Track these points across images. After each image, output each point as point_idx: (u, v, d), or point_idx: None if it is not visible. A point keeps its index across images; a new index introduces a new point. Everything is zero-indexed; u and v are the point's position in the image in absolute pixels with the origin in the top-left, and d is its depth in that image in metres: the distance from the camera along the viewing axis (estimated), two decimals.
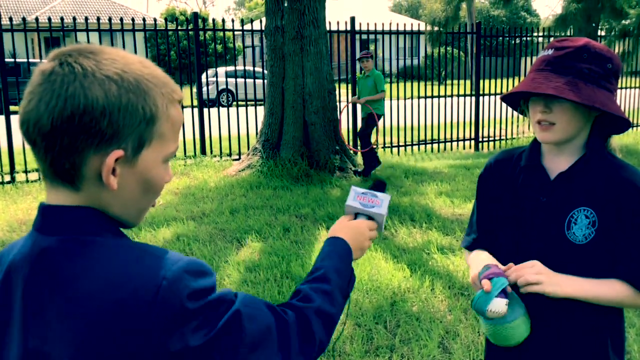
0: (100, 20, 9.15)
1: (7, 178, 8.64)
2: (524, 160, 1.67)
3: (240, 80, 17.89)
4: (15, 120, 9.77)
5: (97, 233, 0.92)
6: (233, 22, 10.08)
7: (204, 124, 10.18)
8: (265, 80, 9.36)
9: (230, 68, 17.35)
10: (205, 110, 10.28)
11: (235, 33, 10.81)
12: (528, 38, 12.58)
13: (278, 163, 8.62)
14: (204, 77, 11.96)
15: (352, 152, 9.23)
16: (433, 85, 13.43)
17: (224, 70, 16.65)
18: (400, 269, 4.78)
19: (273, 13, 8.65)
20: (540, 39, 13.07)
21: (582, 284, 1.51)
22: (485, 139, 11.99)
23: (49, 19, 8.91)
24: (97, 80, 0.87)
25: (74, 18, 9.12)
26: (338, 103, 9.30)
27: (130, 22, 9.71)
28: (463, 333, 3.69)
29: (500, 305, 1.47)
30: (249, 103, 11.68)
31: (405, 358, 3.44)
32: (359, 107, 9.63)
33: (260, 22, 11.35)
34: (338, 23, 10.72)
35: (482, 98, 11.81)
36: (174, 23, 10.18)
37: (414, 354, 3.45)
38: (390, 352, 3.50)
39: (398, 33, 10.92)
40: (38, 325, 0.88)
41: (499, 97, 1.69)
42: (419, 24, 13.21)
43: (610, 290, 1.51)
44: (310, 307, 1.09)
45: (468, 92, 13.68)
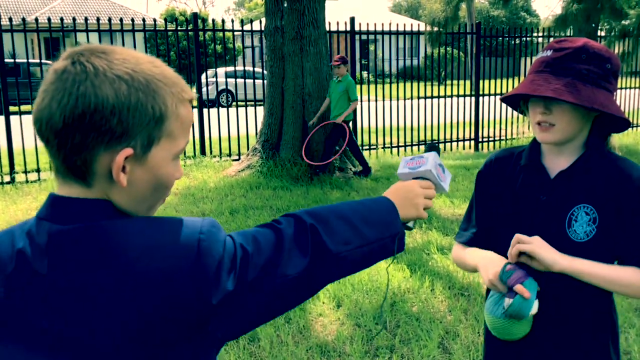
0: (100, 21, 9.15)
1: (6, 178, 8.64)
2: (524, 160, 1.67)
3: (240, 81, 17.90)
4: (15, 121, 9.79)
5: (114, 219, 0.94)
6: (233, 22, 10.08)
7: (204, 125, 10.18)
8: (265, 81, 9.37)
9: (230, 68, 17.35)
10: (205, 111, 10.28)
11: (235, 33, 10.81)
12: (528, 38, 12.58)
13: (278, 163, 8.62)
14: (204, 77, 11.95)
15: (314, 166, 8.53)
16: (433, 86, 13.43)
17: (224, 71, 16.65)
18: (400, 270, 4.78)
19: (273, 13, 8.65)
20: (540, 39, 13.07)
21: (592, 264, 1.51)
22: (485, 139, 11.99)
23: (49, 19, 8.92)
24: (107, 80, 0.89)
25: (74, 18, 9.12)
26: None
27: (130, 22, 9.71)
28: (463, 333, 3.69)
29: (536, 307, 1.51)
30: (249, 103, 11.67)
31: (405, 358, 3.44)
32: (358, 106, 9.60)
33: (260, 22, 11.35)
34: (338, 23, 10.72)
35: (481, 98, 11.81)
36: (174, 23, 10.17)
37: (414, 355, 3.45)
38: (390, 352, 3.50)
39: (398, 33, 10.92)
40: (65, 308, 0.90)
41: (499, 98, 1.69)
42: (419, 24, 13.20)
43: (626, 274, 1.51)
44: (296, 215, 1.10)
45: (468, 92, 13.67)
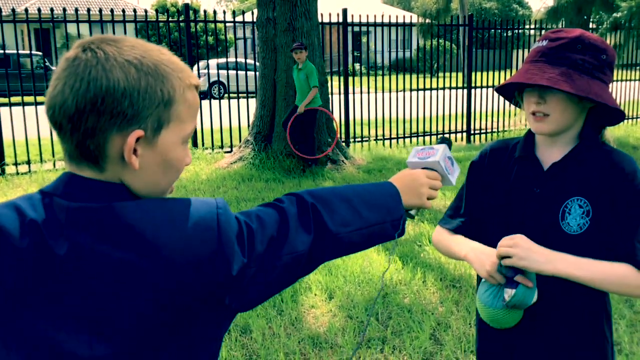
0: (91, 12, 9.08)
1: None
2: (518, 151, 1.67)
3: (232, 72, 17.82)
4: (5, 112, 9.73)
5: (130, 200, 0.97)
6: (225, 13, 10.03)
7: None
8: (257, 73, 9.34)
9: (222, 60, 17.27)
10: None
11: (227, 25, 10.75)
12: (520, 30, 12.59)
13: (270, 155, 8.60)
14: (195, 69, 11.93)
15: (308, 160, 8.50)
16: (425, 78, 13.43)
17: (215, 62, 16.56)
18: (392, 261, 4.79)
19: (265, 5, 8.61)
20: (532, 32, 13.08)
21: (578, 262, 1.48)
22: (477, 132, 12.02)
23: (39, 10, 8.83)
24: (118, 64, 0.93)
25: (64, 9, 9.05)
26: (330, 95, 9.28)
27: (121, 13, 9.65)
28: (454, 325, 3.71)
29: (537, 295, 1.53)
30: (241, 95, 11.64)
31: (397, 350, 3.45)
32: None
33: (252, 13, 11.29)
34: (330, 15, 10.68)
35: (474, 91, 11.82)
36: (165, 14, 10.11)
37: (406, 346, 3.46)
38: (382, 343, 3.51)
39: (390, 25, 10.90)
40: (86, 285, 0.92)
41: (494, 88, 1.69)
42: (411, 16, 13.19)
43: (613, 271, 1.48)
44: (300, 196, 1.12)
45: (460, 84, 13.69)
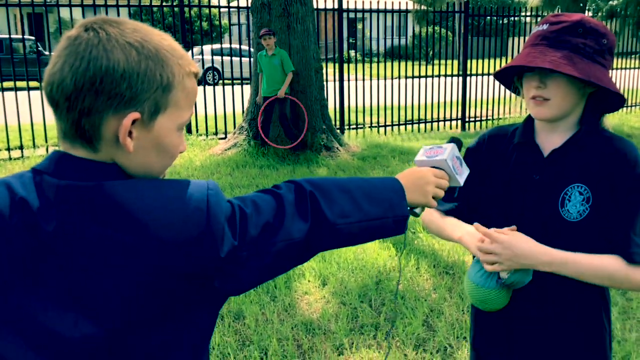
0: None
1: None
2: (517, 138, 1.65)
3: (226, 59, 17.72)
4: None
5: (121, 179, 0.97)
6: None
7: None
8: (252, 59, 9.27)
9: (216, 46, 17.14)
10: None
11: (221, 10, 10.66)
12: (516, 18, 12.55)
13: (264, 142, 8.57)
14: (190, 55, 11.87)
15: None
16: (420, 65, 13.39)
17: (210, 48, 16.46)
18: (386, 248, 4.79)
19: None
20: (528, 19, 13.05)
21: (565, 259, 1.47)
22: (472, 119, 12.00)
23: None
24: (119, 45, 0.93)
25: None
26: (325, 82, 9.24)
27: None
28: (447, 311, 3.71)
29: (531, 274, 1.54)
30: (235, 82, 11.57)
31: (390, 336, 3.46)
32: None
33: None
34: (325, 1, 10.62)
35: (469, 78, 11.79)
36: None
37: (399, 332, 3.47)
38: (375, 330, 3.52)
39: (386, 12, 10.85)
40: (74, 264, 0.92)
41: (492, 74, 1.66)
42: (407, 3, 13.14)
43: (602, 265, 1.47)
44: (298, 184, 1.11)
45: (455, 72, 13.65)
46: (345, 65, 10.94)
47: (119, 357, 0.96)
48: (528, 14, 12.87)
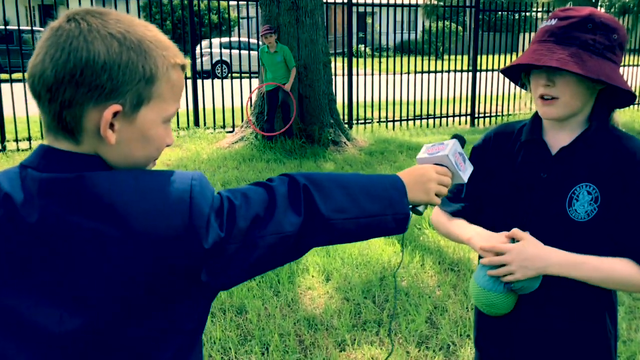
0: None
1: None
2: (525, 135, 1.60)
3: (235, 52, 17.69)
4: (6, 89, 9.67)
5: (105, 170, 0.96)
6: None
7: (198, 96, 10.07)
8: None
9: (225, 39, 17.12)
10: (199, 82, 10.17)
11: (231, 3, 10.64)
12: (527, 13, 12.44)
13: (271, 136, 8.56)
14: (199, 48, 11.85)
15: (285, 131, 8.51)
16: (430, 60, 13.30)
17: (219, 42, 16.46)
18: (391, 244, 4.76)
19: None
20: (540, 14, 12.93)
21: (575, 262, 1.44)
22: (482, 115, 11.92)
23: None
24: (100, 36, 0.92)
25: None
26: (334, 77, 9.20)
27: None
28: (451, 308, 3.68)
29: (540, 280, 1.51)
30: (244, 75, 11.56)
31: (393, 333, 3.44)
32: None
33: None
34: None
35: (479, 74, 11.71)
36: None
37: (402, 329, 3.44)
38: (378, 326, 3.49)
39: (396, 6, 10.79)
40: (56, 257, 0.91)
41: (500, 70, 1.62)
42: None
43: (612, 268, 1.44)
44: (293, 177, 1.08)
45: (465, 67, 13.54)
46: (355, 60, 10.89)
47: (105, 350, 0.95)
48: (539, 9, 12.78)
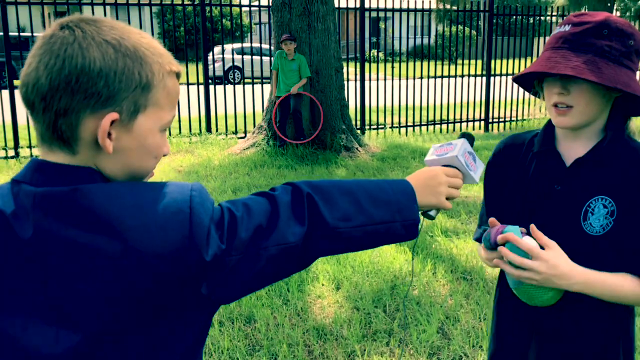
0: None
1: (11, 153, 8.61)
2: (537, 146, 1.54)
3: (247, 58, 17.73)
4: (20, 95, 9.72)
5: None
6: None
7: (210, 101, 10.08)
8: (272, 58, 9.24)
9: (238, 45, 17.16)
10: (212, 88, 10.17)
11: (244, 9, 10.65)
12: (542, 17, 12.33)
13: (283, 141, 8.52)
14: (212, 53, 11.88)
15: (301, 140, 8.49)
16: (444, 65, 13.22)
17: (231, 47, 16.53)
18: (402, 252, 4.69)
19: None
20: (554, 19, 12.82)
21: (587, 275, 1.39)
22: (496, 120, 11.81)
23: None
24: (95, 43, 0.90)
25: None
26: (346, 82, 9.16)
27: None
28: (463, 318, 3.61)
29: (532, 241, 1.44)
30: (256, 81, 11.56)
31: (403, 343, 3.37)
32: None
33: None
34: (347, 0, 10.53)
35: (493, 78, 11.62)
36: None
37: (412, 340, 3.37)
38: (389, 336, 3.43)
39: (409, 11, 10.73)
40: (52, 272, 0.89)
41: (511, 78, 1.57)
42: (430, 2, 12.98)
43: (620, 285, 1.40)
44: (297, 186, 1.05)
45: (479, 72, 13.43)
46: (367, 65, 10.84)
47: None
48: (554, 14, 12.66)
